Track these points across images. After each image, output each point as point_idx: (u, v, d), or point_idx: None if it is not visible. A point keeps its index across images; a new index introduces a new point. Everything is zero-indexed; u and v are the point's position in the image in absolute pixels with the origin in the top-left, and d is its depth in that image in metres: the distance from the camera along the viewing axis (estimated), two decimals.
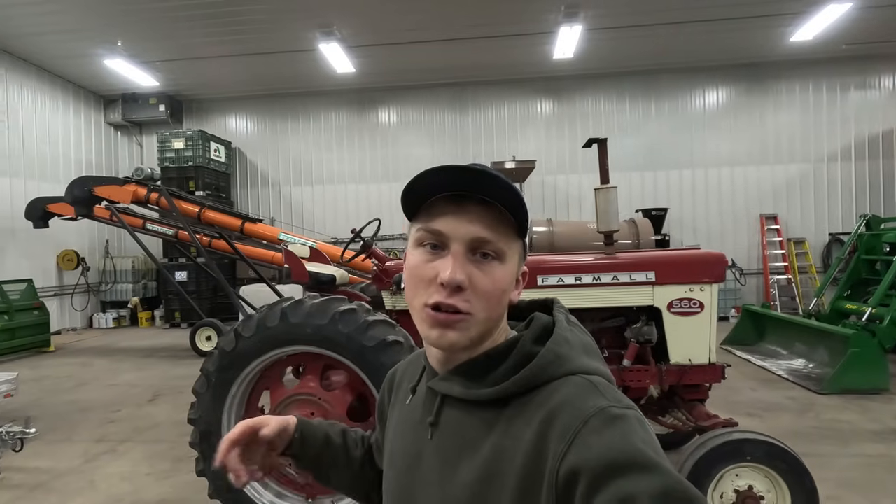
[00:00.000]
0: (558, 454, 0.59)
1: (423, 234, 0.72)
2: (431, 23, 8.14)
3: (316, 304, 2.48)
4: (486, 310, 0.69)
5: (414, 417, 0.81)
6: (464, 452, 0.70)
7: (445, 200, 0.70)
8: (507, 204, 0.69)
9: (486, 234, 0.69)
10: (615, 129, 10.37)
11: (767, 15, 7.98)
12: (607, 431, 0.58)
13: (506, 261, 0.71)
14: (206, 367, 2.54)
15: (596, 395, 0.63)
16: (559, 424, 0.61)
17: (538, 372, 0.67)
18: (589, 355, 0.71)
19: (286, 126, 11.23)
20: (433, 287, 0.69)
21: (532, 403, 0.66)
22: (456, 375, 0.74)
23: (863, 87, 9.81)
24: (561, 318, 0.75)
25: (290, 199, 11.18)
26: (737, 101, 10.08)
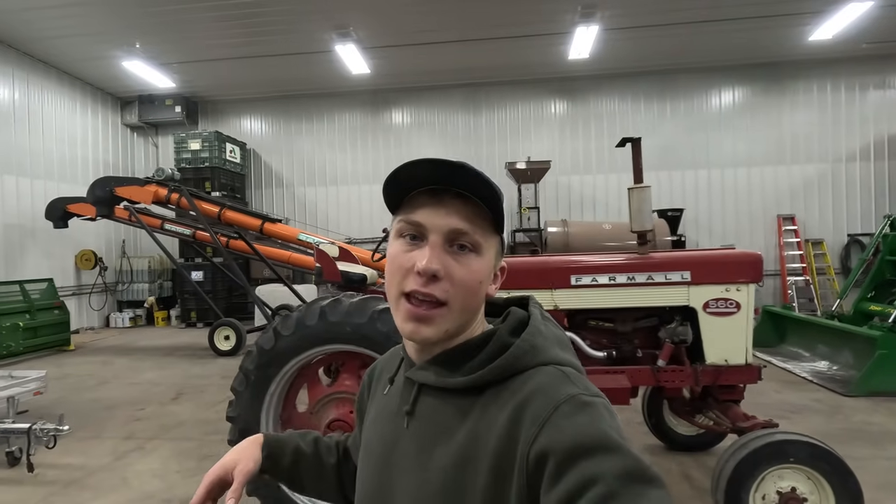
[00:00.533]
0: (529, 437, 0.62)
1: (403, 225, 0.74)
2: (449, 24, 8.15)
3: (354, 304, 2.49)
4: (462, 300, 0.71)
5: (391, 407, 0.83)
6: (439, 439, 0.72)
7: (425, 194, 0.73)
8: (484, 199, 0.71)
9: (463, 226, 0.71)
10: (630, 129, 10.31)
11: (787, 14, 7.92)
12: (577, 417, 0.61)
13: (482, 253, 0.73)
14: (245, 366, 2.56)
15: (567, 383, 0.66)
16: (531, 410, 0.64)
17: (513, 361, 0.70)
18: (562, 348, 0.74)
19: (300, 127, 11.29)
20: (410, 276, 0.71)
21: (506, 391, 0.69)
22: (433, 365, 0.76)
23: (882, 86, 9.70)
24: (536, 312, 0.78)
25: (303, 200, 11.23)
26: (753, 100, 10.01)
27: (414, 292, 0.71)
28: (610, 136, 10.38)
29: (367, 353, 2.49)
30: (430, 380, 0.76)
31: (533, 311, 0.79)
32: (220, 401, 5.14)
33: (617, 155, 10.34)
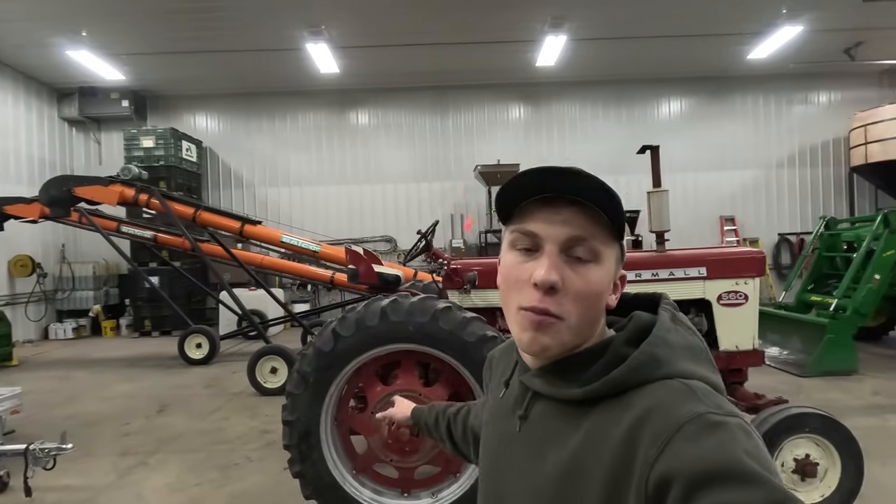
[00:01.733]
0: (648, 460, 0.57)
1: (517, 236, 0.72)
2: (423, 27, 8.24)
3: (415, 303, 2.55)
4: (579, 314, 0.68)
5: (506, 408, 0.83)
6: (551, 447, 0.70)
7: (538, 202, 0.70)
8: (601, 205, 0.68)
9: (581, 233, 0.67)
10: (589, 134, 10.90)
11: (730, 34, 8.73)
12: (703, 439, 0.55)
13: (601, 262, 0.69)
14: (302, 368, 2.53)
15: (692, 400, 0.60)
16: (650, 429, 0.59)
17: (629, 374, 0.65)
18: (694, 359, 0.67)
19: (261, 125, 10.91)
20: (527, 289, 0.69)
21: (622, 405, 0.64)
22: (547, 373, 0.74)
23: (805, 101, 10.91)
24: (665, 316, 0.71)
25: (265, 201, 10.85)
26: (699, 111, 10.90)
27: (531, 308, 0.68)
28: (571, 141, 10.90)
29: (430, 352, 2.56)
30: (543, 389, 0.74)
31: (662, 314, 0.72)
32: (212, 410, 4.94)
33: (577, 159, 10.86)
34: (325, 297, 10.66)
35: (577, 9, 7.81)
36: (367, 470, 2.67)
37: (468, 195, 10.78)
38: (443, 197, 10.84)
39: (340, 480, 2.56)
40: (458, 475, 2.63)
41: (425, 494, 2.63)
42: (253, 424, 4.52)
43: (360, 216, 10.85)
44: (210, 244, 7.21)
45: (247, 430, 4.37)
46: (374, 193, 10.85)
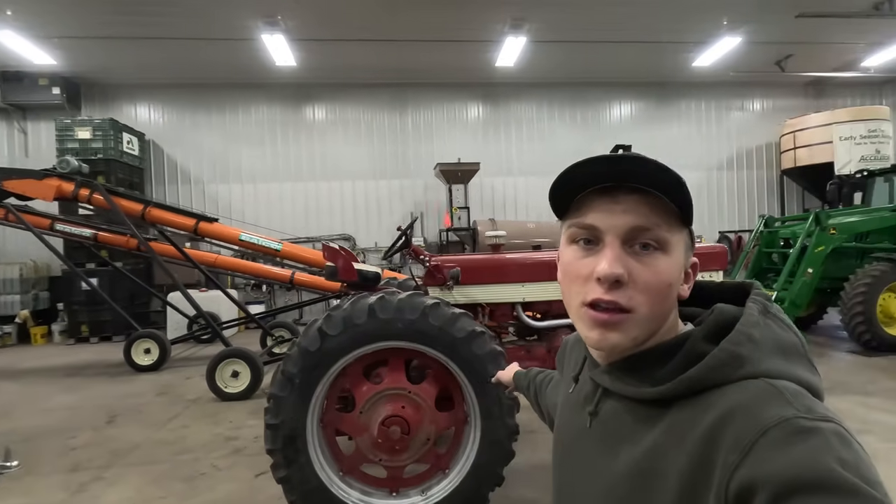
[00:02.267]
0: (729, 465, 0.53)
1: (575, 230, 0.69)
2: (384, 23, 8.12)
3: (404, 300, 2.51)
4: (649, 305, 0.65)
5: (576, 402, 0.81)
6: (622, 445, 0.68)
7: (595, 193, 0.67)
8: (664, 189, 0.64)
9: (643, 222, 0.64)
10: (546, 135, 11.17)
11: (678, 42, 9.21)
12: (792, 446, 0.50)
13: (670, 251, 0.65)
14: (287, 369, 2.44)
15: (780, 402, 0.55)
16: (731, 433, 0.55)
17: (707, 373, 0.60)
18: (786, 358, 0.62)
19: (210, 118, 10.38)
20: (590, 284, 0.66)
21: (700, 405, 0.60)
22: (617, 370, 0.71)
23: (741, 108, 11.69)
24: (753, 309, 0.65)
25: (216, 198, 10.34)
26: (647, 114, 11.43)
27: (596, 301, 0.65)
28: (529, 141, 11.12)
29: (419, 349, 2.53)
30: (614, 386, 0.71)
31: (749, 306, 0.66)
32: (168, 419, 4.65)
33: (533, 160, 11.12)
34: (282, 297, 10.32)
35: (536, 11, 7.97)
36: (354, 471, 2.61)
37: (428, 193, 10.76)
38: (402, 195, 10.76)
39: (328, 483, 2.48)
40: (448, 471, 2.63)
41: (414, 493, 2.61)
42: (217, 431, 4.30)
43: (316, 214, 10.57)
44: (159, 243, 6.79)
45: (210, 438, 4.15)
46: (331, 190, 10.60)
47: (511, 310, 3.26)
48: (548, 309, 3.30)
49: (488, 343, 2.55)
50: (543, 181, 11.07)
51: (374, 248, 10.53)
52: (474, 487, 2.57)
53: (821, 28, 8.72)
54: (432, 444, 2.59)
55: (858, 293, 5.97)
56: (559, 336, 3.26)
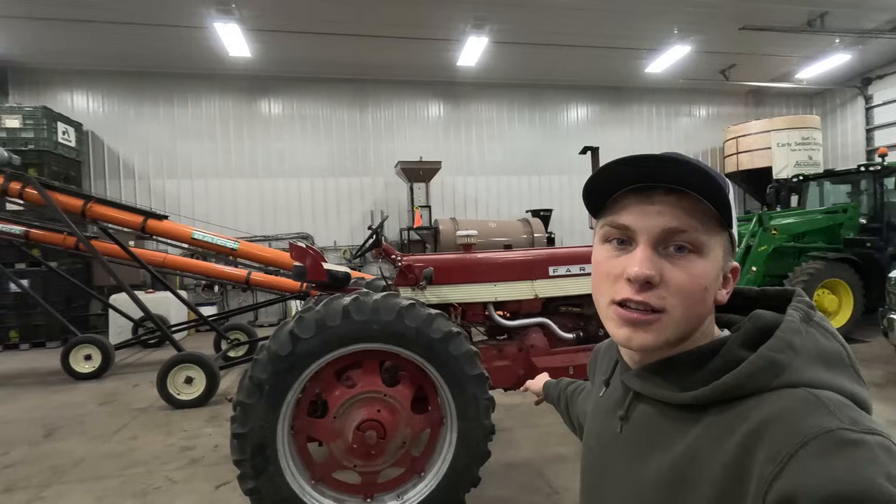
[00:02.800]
0: (766, 477, 0.51)
1: (609, 229, 0.68)
2: (345, 16, 7.94)
3: (379, 301, 2.45)
4: (682, 308, 0.63)
5: (606, 407, 0.80)
6: (654, 451, 0.66)
7: (631, 193, 0.66)
8: (702, 190, 0.62)
9: (678, 224, 0.63)
10: (505, 135, 11.30)
11: (633, 48, 9.54)
12: (834, 458, 0.48)
13: (706, 254, 0.63)
14: (255, 375, 2.31)
15: (822, 412, 0.52)
16: (769, 442, 0.52)
17: (743, 380, 0.58)
18: (829, 367, 0.59)
19: (157, 110, 9.80)
20: (620, 283, 0.65)
21: (735, 413, 0.58)
22: (649, 373, 0.69)
23: (689, 114, 12.28)
24: (794, 316, 0.63)
25: (163, 194, 9.78)
26: (602, 117, 11.78)
27: (626, 300, 0.64)
28: (489, 140, 11.21)
29: (395, 351, 2.47)
30: (646, 390, 0.69)
31: (791, 313, 0.64)
32: (115, 430, 4.35)
33: (493, 159, 11.23)
34: (235, 298, 9.91)
35: (498, 12, 8.03)
36: (326, 478, 2.52)
37: (389, 191, 10.63)
38: (362, 193, 10.58)
39: (300, 492, 2.38)
40: (424, 474, 2.58)
41: (390, 497, 2.54)
42: (170, 442, 4.05)
43: (272, 212, 10.21)
44: (100, 241, 6.33)
45: (163, 449, 3.90)
46: (288, 188, 10.28)
47: (483, 309, 3.25)
48: (518, 308, 3.31)
49: (464, 344, 2.53)
50: (503, 181, 11.23)
51: (333, 247, 10.30)
52: (451, 489, 2.54)
53: (761, 41, 9.28)
54: (408, 448, 2.54)
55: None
56: (530, 335, 3.28)
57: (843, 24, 8.90)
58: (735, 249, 0.69)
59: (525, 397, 4.38)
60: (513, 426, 4.12)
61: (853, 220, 7.14)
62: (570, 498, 2.97)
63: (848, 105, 12.08)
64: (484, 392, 2.55)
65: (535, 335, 3.28)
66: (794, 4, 8.24)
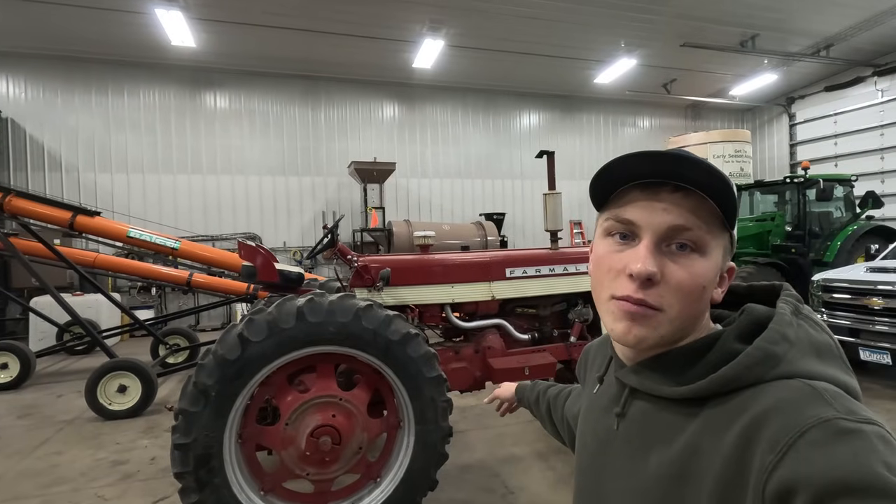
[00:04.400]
0: (766, 466, 0.51)
1: (612, 223, 0.68)
2: (297, 10, 7.72)
3: (335, 302, 2.36)
4: (680, 306, 0.63)
5: (601, 405, 0.79)
6: (654, 447, 0.66)
7: (637, 188, 0.66)
8: (709, 190, 0.63)
9: (683, 222, 0.63)
10: (460, 139, 11.37)
11: (583, 59, 9.88)
12: (834, 447, 0.49)
13: (707, 253, 0.64)
14: (200, 381, 2.17)
15: (819, 402, 0.53)
16: (768, 432, 0.53)
17: (741, 372, 0.59)
18: (821, 358, 0.60)
19: (89, 98, 9.12)
20: (621, 278, 0.65)
21: (733, 404, 0.59)
22: (646, 369, 0.69)
23: (633, 125, 12.85)
24: (785, 309, 0.64)
25: (94, 189, 9.11)
26: (553, 125, 12.11)
27: (625, 298, 0.64)
28: (443, 143, 11.24)
29: (351, 353, 2.39)
30: (642, 385, 0.68)
31: (781, 306, 0.65)
32: (36, 445, 3.98)
33: (447, 163, 11.27)
34: (174, 301, 9.37)
35: (454, 16, 8.08)
36: (276, 488, 2.40)
37: (341, 192, 10.42)
38: (314, 193, 10.31)
39: None
40: (380, 480, 2.51)
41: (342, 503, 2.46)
42: (100, 456, 3.74)
43: (217, 210, 9.75)
44: (21, 239, 5.78)
45: (92, 464, 3.60)
46: (234, 186, 9.85)
47: (440, 311, 3.23)
48: (475, 309, 3.32)
49: (423, 346, 2.49)
50: (456, 184, 11.29)
51: (282, 247, 9.96)
52: (408, 494, 2.49)
53: (700, 58, 9.87)
54: (364, 453, 2.47)
55: None
56: (486, 336, 3.29)
57: (771, 47, 9.62)
58: (734, 250, 0.69)
59: (478, 398, 4.39)
60: (467, 428, 4.12)
61: (780, 228, 7.71)
62: (526, 498, 2.99)
63: (774, 121, 13.07)
64: (442, 394, 2.52)
65: (491, 336, 3.29)
66: (729, 25, 8.82)
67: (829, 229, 7.66)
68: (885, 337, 4.64)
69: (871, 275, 4.97)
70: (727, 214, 0.64)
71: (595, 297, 0.71)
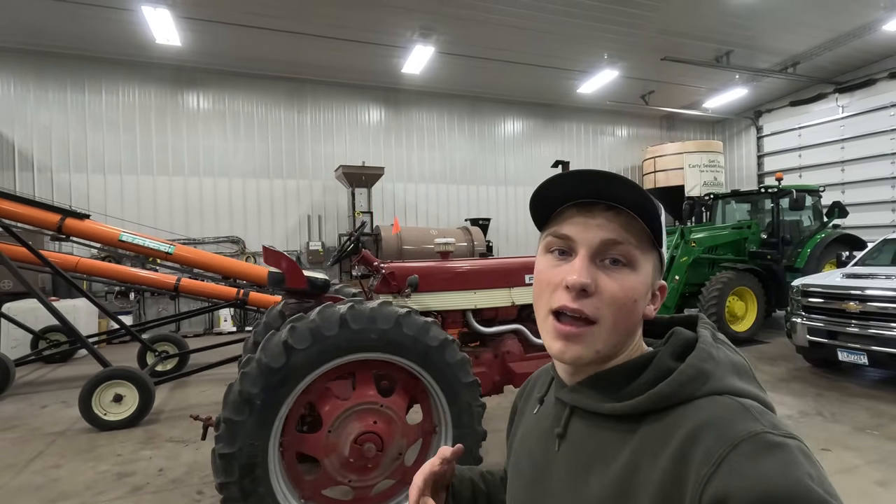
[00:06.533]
0: (701, 478, 0.54)
1: (551, 239, 0.71)
2: (287, 12, 7.65)
3: (376, 309, 2.39)
4: (613, 318, 0.66)
5: (541, 427, 0.79)
6: (594, 466, 0.67)
7: (574, 207, 0.70)
8: (638, 210, 0.67)
9: (615, 236, 0.67)
10: (446, 145, 11.45)
11: (567, 69, 10.13)
12: (762, 460, 0.52)
13: (637, 268, 0.68)
14: (245, 390, 2.15)
15: (748, 418, 0.57)
16: (703, 446, 0.56)
17: (677, 388, 0.62)
18: (740, 376, 0.65)
19: (63, 95, 8.75)
20: (558, 292, 0.68)
21: (669, 420, 0.61)
22: (585, 387, 0.71)
23: (612, 134, 13.24)
24: (706, 333, 0.70)
25: (68, 189, 8.73)
26: (535, 132, 12.34)
27: (562, 308, 0.67)
28: (430, 149, 11.30)
29: (392, 360, 2.42)
30: (582, 403, 0.70)
31: (702, 331, 0.70)
32: (30, 458, 3.81)
33: (434, 166, 11.33)
34: (152, 307, 9.08)
35: (445, 23, 8.17)
36: (315, 496, 2.39)
37: (327, 195, 10.32)
38: (299, 196, 10.18)
39: None
40: None
41: None
42: (102, 469, 3.60)
43: (199, 213, 9.50)
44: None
45: (96, 477, 3.47)
46: (216, 188, 9.62)
47: (462, 316, 3.28)
48: (494, 315, 3.38)
49: (458, 351, 2.54)
50: (442, 189, 11.36)
51: None
52: None
53: (677, 71, 10.28)
54: (402, 459, 2.49)
55: (713, 296, 7.10)
56: (505, 341, 3.35)
57: (743, 63, 10.12)
58: (663, 269, 0.73)
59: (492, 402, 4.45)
60: (500, 429, 4.16)
61: (755, 235, 8.10)
62: None
63: (743, 133, 13.71)
64: (476, 399, 2.57)
65: (510, 341, 3.36)
66: (706, 42, 9.24)
67: (800, 237, 8.11)
68: (861, 339, 4.96)
69: (847, 280, 5.30)
70: (654, 233, 0.69)
71: (536, 313, 0.73)
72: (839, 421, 4.21)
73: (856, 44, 9.56)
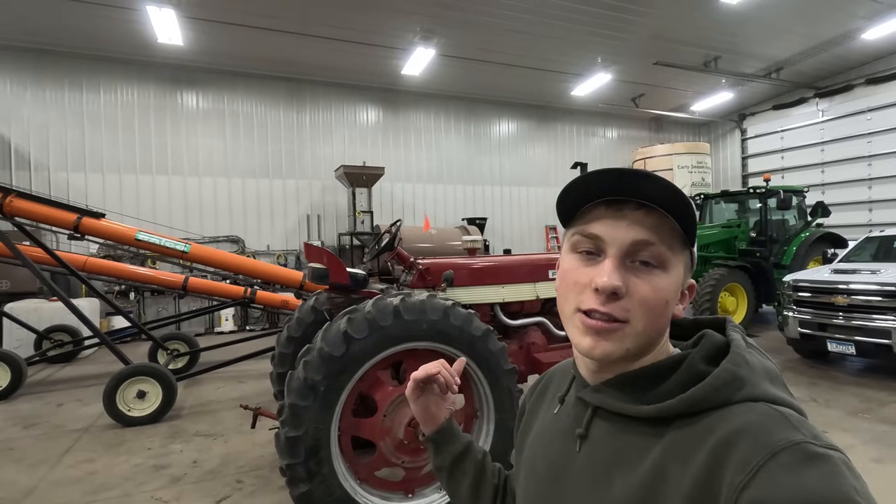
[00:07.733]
0: (736, 486, 0.52)
1: (579, 238, 0.68)
2: (290, 13, 7.74)
3: (425, 300, 2.55)
4: (645, 320, 0.64)
5: (560, 427, 0.77)
6: (618, 469, 0.64)
7: (603, 205, 0.67)
8: (670, 209, 0.65)
9: (646, 237, 0.64)
10: (442, 146, 11.62)
11: (562, 72, 10.40)
12: (804, 471, 0.50)
13: (669, 269, 0.65)
14: (309, 377, 2.29)
15: (787, 427, 0.55)
16: (738, 453, 0.54)
17: (711, 392, 0.60)
18: (773, 383, 0.63)
19: (62, 94, 8.67)
20: (587, 293, 0.65)
21: (701, 425, 0.59)
22: (610, 387, 0.69)
23: (603, 136, 13.57)
24: (737, 337, 0.67)
25: (66, 189, 8.65)
26: (528, 133, 12.59)
27: (592, 311, 0.64)
28: (427, 149, 11.45)
29: (441, 349, 2.58)
30: (607, 404, 0.68)
31: (734, 335, 0.68)
32: (60, 454, 3.87)
33: (431, 166, 11.49)
34: (152, 306, 9.05)
35: (446, 26, 8.34)
36: (370, 478, 2.54)
37: (326, 195, 10.40)
38: (298, 196, 10.24)
39: (352, 493, 2.40)
40: None
41: (430, 491, 2.64)
42: (137, 462, 3.69)
43: (198, 212, 9.49)
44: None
45: (133, 470, 3.55)
46: (215, 187, 9.63)
47: (490, 310, 3.45)
48: (520, 309, 3.57)
49: (497, 341, 2.72)
50: (439, 189, 11.53)
51: (266, 251, 9.83)
52: None
53: (667, 75, 10.63)
54: None
55: (707, 293, 7.41)
56: (529, 333, 3.54)
57: (730, 68, 10.51)
58: (694, 267, 0.71)
59: None
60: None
61: (745, 234, 8.46)
62: None
63: (728, 135, 14.18)
64: (515, 384, 2.75)
65: (534, 333, 3.55)
66: (697, 47, 9.59)
67: (786, 235, 8.49)
68: (849, 330, 5.28)
69: (835, 276, 5.63)
70: (687, 231, 0.66)
71: (560, 311, 0.71)
72: (832, 406, 4.51)
73: (836, 51, 10.02)
